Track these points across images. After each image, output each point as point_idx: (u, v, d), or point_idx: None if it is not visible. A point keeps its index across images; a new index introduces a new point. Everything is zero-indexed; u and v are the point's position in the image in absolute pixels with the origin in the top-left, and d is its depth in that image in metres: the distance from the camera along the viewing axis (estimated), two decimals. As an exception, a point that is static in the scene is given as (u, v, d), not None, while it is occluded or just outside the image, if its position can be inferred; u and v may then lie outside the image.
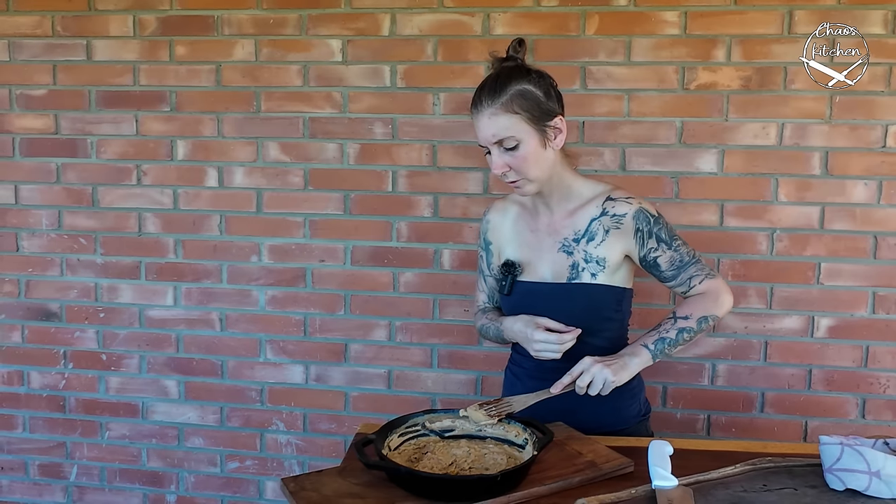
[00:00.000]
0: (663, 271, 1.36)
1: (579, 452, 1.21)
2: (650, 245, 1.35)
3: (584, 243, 1.36)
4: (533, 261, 1.41)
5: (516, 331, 1.35)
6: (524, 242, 1.43)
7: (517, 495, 1.06)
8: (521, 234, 1.44)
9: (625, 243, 1.35)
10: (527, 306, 1.37)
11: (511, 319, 1.37)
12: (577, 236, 1.37)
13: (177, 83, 2.04)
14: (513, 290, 1.41)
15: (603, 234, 1.35)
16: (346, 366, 2.08)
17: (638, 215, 1.35)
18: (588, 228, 1.36)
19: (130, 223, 2.11)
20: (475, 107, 1.29)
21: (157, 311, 2.13)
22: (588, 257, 1.36)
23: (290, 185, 2.04)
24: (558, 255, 1.38)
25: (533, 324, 1.30)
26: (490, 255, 1.50)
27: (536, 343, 1.29)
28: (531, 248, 1.42)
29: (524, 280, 1.41)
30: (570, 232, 1.38)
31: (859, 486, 1.04)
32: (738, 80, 1.85)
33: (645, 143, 1.90)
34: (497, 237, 1.49)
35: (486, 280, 1.52)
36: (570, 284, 1.36)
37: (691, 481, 1.08)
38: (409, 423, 1.25)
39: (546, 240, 1.40)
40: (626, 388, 1.33)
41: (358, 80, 1.97)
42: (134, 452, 2.20)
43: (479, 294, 1.56)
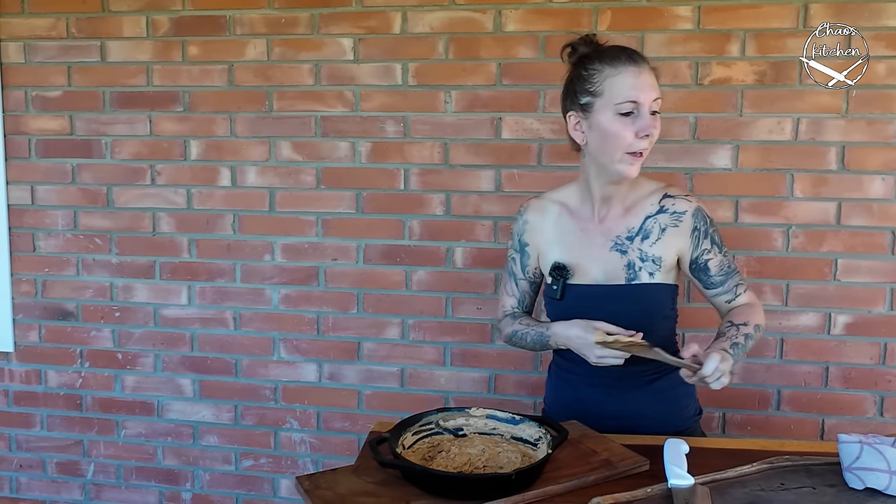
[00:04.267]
0: (712, 276, 1.32)
1: (594, 451, 1.21)
2: (704, 246, 1.31)
3: (638, 241, 1.31)
4: (582, 262, 1.34)
5: (572, 336, 1.26)
6: (571, 243, 1.36)
7: (532, 494, 1.06)
8: (566, 235, 1.37)
9: (680, 242, 1.32)
10: (582, 310, 1.30)
11: (563, 325, 1.29)
12: (631, 234, 1.32)
13: (190, 83, 2.05)
14: (565, 294, 1.33)
15: (659, 232, 1.31)
16: (360, 364, 2.08)
17: (697, 213, 1.32)
18: (643, 226, 1.32)
19: (145, 223, 2.12)
20: (633, 62, 1.23)
21: (172, 310, 2.15)
22: (644, 256, 1.31)
23: (302, 184, 2.04)
24: (611, 254, 1.32)
25: (592, 329, 1.22)
26: (526, 257, 1.42)
27: (603, 350, 1.21)
28: (580, 248, 1.35)
29: (576, 283, 1.34)
30: (623, 230, 1.32)
31: (879, 485, 1.03)
32: (752, 74, 1.83)
33: (659, 139, 1.86)
34: (536, 239, 1.40)
35: (518, 284, 1.44)
36: (629, 286, 1.31)
37: (708, 480, 1.07)
38: (423, 422, 1.25)
39: (597, 239, 1.34)
40: (687, 389, 1.34)
41: (369, 78, 1.98)
42: (150, 450, 2.21)
43: (507, 299, 1.46)
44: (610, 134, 1.24)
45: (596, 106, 1.25)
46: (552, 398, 1.48)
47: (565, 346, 1.30)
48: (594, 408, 1.34)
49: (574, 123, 1.30)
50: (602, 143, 1.26)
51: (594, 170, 1.32)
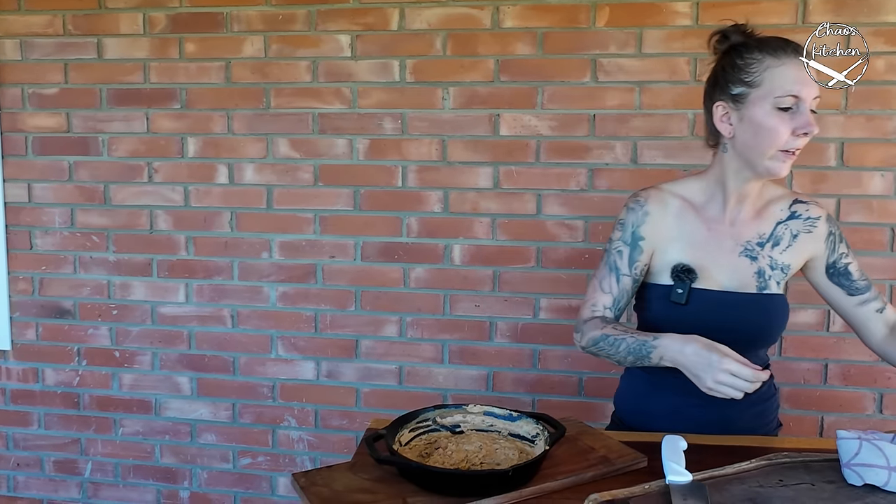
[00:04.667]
0: (854, 280, 1.26)
1: (592, 447, 1.20)
2: (842, 250, 1.26)
3: (769, 248, 1.25)
4: (707, 265, 1.25)
5: (688, 353, 1.11)
6: (697, 243, 1.26)
7: (529, 490, 1.05)
8: (691, 233, 1.26)
9: (813, 248, 1.26)
10: (707, 318, 1.22)
11: (678, 339, 1.14)
12: (762, 240, 1.26)
13: (187, 80, 2.04)
14: (689, 299, 1.23)
15: (790, 239, 1.26)
16: (357, 362, 2.08)
17: (830, 219, 1.28)
18: (773, 232, 1.26)
19: (142, 220, 2.12)
20: (798, 54, 1.16)
21: (170, 308, 2.14)
22: (773, 264, 1.25)
23: (299, 182, 2.04)
24: (740, 259, 1.25)
25: (720, 352, 1.08)
26: (638, 252, 1.27)
27: (724, 375, 1.07)
28: (706, 249, 1.25)
29: (702, 287, 1.24)
30: (755, 234, 1.26)
31: (878, 482, 1.02)
32: (751, 71, 1.82)
33: (657, 136, 1.88)
34: (654, 233, 1.27)
35: (620, 280, 1.28)
36: (760, 295, 1.24)
37: (706, 476, 1.07)
38: (420, 419, 1.24)
39: (726, 242, 1.25)
40: (773, 401, 1.33)
41: (367, 75, 1.97)
42: (147, 449, 2.21)
43: (601, 296, 1.29)
44: (765, 128, 1.16)
45: (751, 97, 1.17)
46: (632, 407, 1.40)
47: (672, 363, 1.15)
48: (685, 418, 1.28)
49: (721, 114, 1.22)
50: (754, 137, 1.17)
51: (735, 165, 1.23)
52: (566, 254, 1.95)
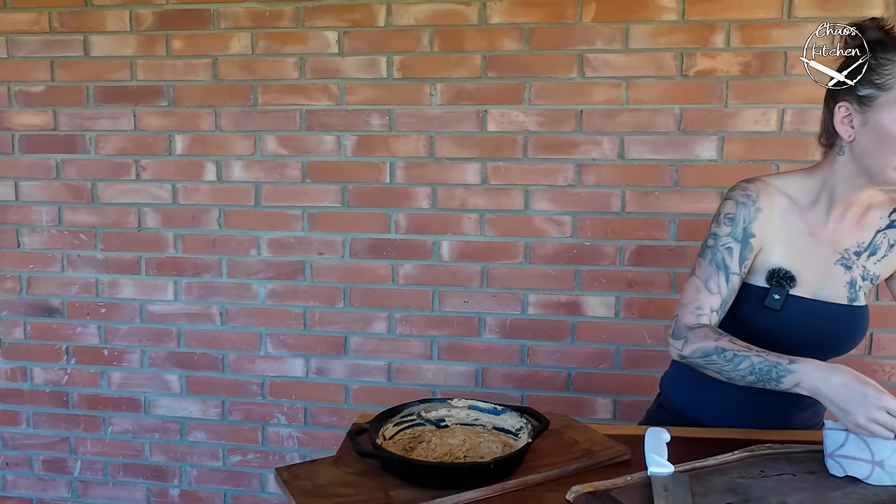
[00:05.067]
0: None
1: (576, 440, 1.20)
2: None
3: (864, 258, 1.20)
4: (804, 271, 1.19)
5: (836, 384, 1.01)
6: (798, 247, 1.19)
7: (511, 483, 1.05)
8: (794, 236, 1.19)
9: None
10: (799, 327, 1.17)
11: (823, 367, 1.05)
12: (860, 249, 1.20)
13: (174, 77, 2.04)
14: (784, 306, 1.17)
15: (887, 249, 1.21)
16: (347, 358, 2.07)
17: None
18: (872, 241, 1.20)
19: (130, 218, 2.11)
20: None
21: (158, 305, 2.13)
22: (865, 274, 1.20)
23: (287, 178, 2.03)
24: (835, 268, 1.19)
25: (874, 387, 1.00)
26: (748, 250, 1.18)
27: (880, 413, 0.97)
28: (805, 255, 1.19)
29: (797, 295, 1.18)
30: (853, 243, 1.20)
31: (860, 475, 1.03)
32: (737, 65, 1.83)
33: (644, 131, 1.88)
34: (765, 231, 1.18)
35: (730, 280, 1.18)
36: (851, 307, 1.19)
37: (688, 468, 1.07)
38: (405, 413, 1.24)
39: (825, 248, 1.19)
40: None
41: (354, 71, 1.97)
42: (137, 447, 2.20)
43: (708, 298, 1.18)
44: (891, 136, 1.07)
45: (880, 101, 1.08)
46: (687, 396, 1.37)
47: (811, 392, 1.05)
48: (742, 414, 1.26)
49: (843, 115, 1.13)
50: (877, 144, 1.09)
51: (849, 171, 1.15)
52: (554, 249, 1.95)
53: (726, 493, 0.99)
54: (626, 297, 1.94)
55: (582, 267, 1.94)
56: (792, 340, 1.18)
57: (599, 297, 1.95)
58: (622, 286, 1.93)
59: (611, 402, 1.98)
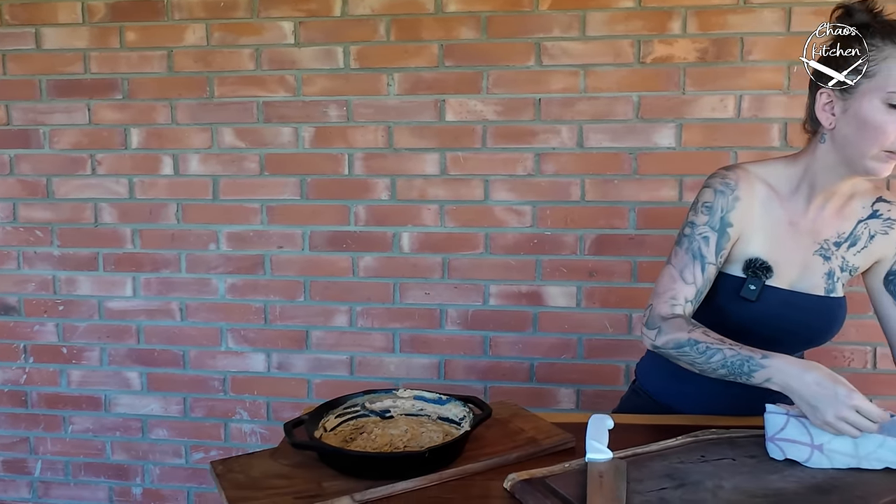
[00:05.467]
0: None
1: (522, 429, 1.19)
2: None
3: (844, 248, 1.17)
4: (782, 262, 1.17)
5: (809, 381, 1.00)
6: (776, 237, 1.17)
7: (450, 472, 1.04)
8: (773, 226, 1.17)
9: (882, 251, 1.18)
10: (774, 318, 1.16)
11: (796, 363, 1.02)
12: (840, 239, 1.17)
13: (128, 70, 2.01)
14: (760, 297, 1.16)
15: (867, 240, 1.17)
16: (308, 353, 2.05)
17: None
18: (853, 231, 1.17)
19: (86, 214, 2.08)
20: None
21: (117, 302, 2.10)
22: (844, 266, 1.18)
23: (245, 171, 2.01)
24: (813, 258, 1.17)
25: (846, 385, 0.98)
26: (725, 239, 1.16)
27: (850, 412, 0.96)
28: (784, 245, 1.17)
29: (773, 285, 1.16)
30: (834, 233, 1.17)
31: (799, 458, 1.02)
32: (694, 52, 1.82)
33: (602, 119, 1.87)
34: (743, 220, 1.16)
35: (706, 270, 1.16)
36: (828, 298, 1.17)
37: (628, 454, 1.06)
38: (348, 404, 1.23)
39: (804, 239, 1.17)
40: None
41: (311, 62, 1.94)
42: (98, 446, 2.17)
43: (683, 288, 1.16)
44: (871, 125, 1.04)
45: (861, 88, 1.05)
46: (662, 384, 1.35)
47: (782, 388, 1.03)
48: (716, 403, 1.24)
49: (824, 102, 1.10)
50: (857, 133, 1.06)
51: (830, 160, 1.12)
52: (514, 239, 1.94)
53: (663, 479, 0.98)
54: (588, 286, 1.93)
55: (543, 257, 1.93)
56: (768, 332, 1.17)
57: (560, 287, 1.94)
58: (583, 276, 1.92)
59: (574, 392, 1.97)
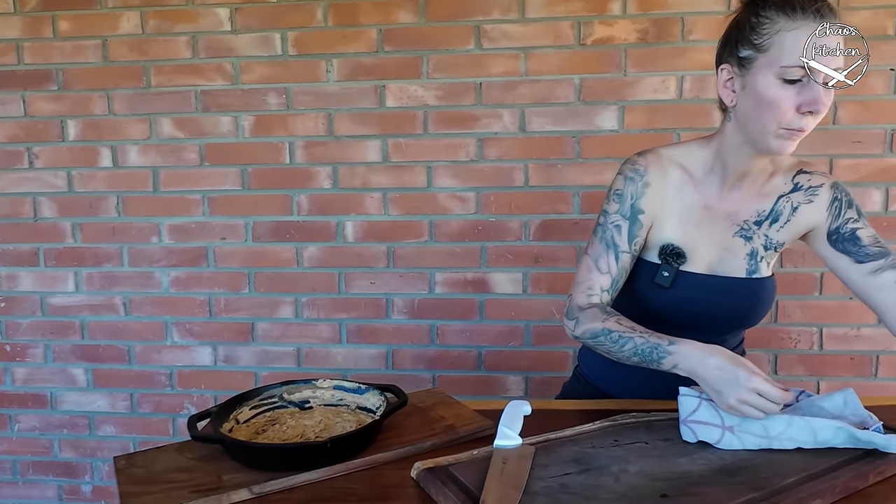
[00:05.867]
0: (864, 245, 1.10)
1: (442, 417, 1.17)
2: (849, 215, 1.12)
3: (766, 226, 1.14)
4: (698, 246, 1.14)
5: (711, 366, 0.98)
6: (692, 221, 1.14)
7: (358, 462, 1.02)
8: (687, 210, 1.14)
9: (813, 219, 1.13)
10: (691, 302, 1.14)
11: (699, 348, 1.00)
12: (761, 218, 1.14)
13: (63, 60, 1.96)
14: (674, 283, 1.14)
15: (790, 213, 1.13)
16: (255, 345, 2.03)
17: (836, 185, 1.14)
18: (774, 207, 1.13)
19: (25, 208, 2.04)
20: (819, 16, 0.96)
21: (60, 297, 2.07)
22: (768, 243, 1.14)
23: (185, 162, 1.97)
24: (734, 240, 1.14)
25: (747, 368, 0.96)
26: (638, 227, 1.14)
27: (750, 395, 0.94)
28: (700, 229, 1.14)
29: (689, 270, 1.14)
30: (753, 213, 1.14)
31: (710, 439, 1.01)
32: (634, 33, 1.79)
33: (544, 103, 1.84)
34: (655, 207, 1.14)
35: (620, 259, 1.14)
36: (749, 280, 1.14)
37: (541, 440, 1.04)
38: (265, 396, 1.20)
39: (722, 221, 1.14)
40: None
41: (248, 49, 1.90)
42: (45, 444, 2.14)
43: (598, 277, 1.14)
44: (766, 101, 0.99)
45: (757, 63, 1.00)
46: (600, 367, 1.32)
47: (688, 373, 1.02)
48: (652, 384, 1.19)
49: (725, 79, 1.06)
50: (755, 110, 1.01)
51: (737, 139, 1.08)
52: (459, 226, 1.91)
53: (569, 464, 0.97)
54: (533, 272, 1.90)
55: (488, 243, 1.91)
56: (685, 317, 1.15)
57: (506, 274, 1.91)
58: (529, 262, 1.90)
59: (522, 380, 1.95)
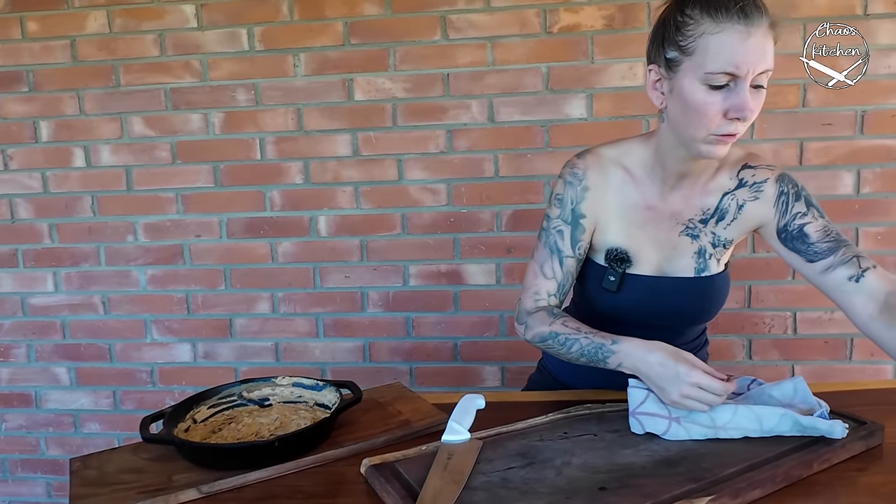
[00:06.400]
0: (813, 243, 1.05)
1: (399, 412, 1.18)
2: (797, 209, 1.07)
3: (712, 224, 1.11)
4: (644, 248, 1.12)
5: (653, 363, 0.98)
6: (635, 222, 1.12)
7: (309, 459, 1.03)
8: (629, 211, 1.11)
9: (760, 215, 1.10)
10: (639, 304, 1.12)
11: (641, 346, 1.01)
12: (706, 216, 1.11)
13: (32, 61, 1.96)
14: (621, 287, 1.12)
15: (736, 211, 1.10)
16: (233, 341, 2.04)
17: (783, 178, 1.09)
18: (719, 205, 1.10)
19: (2, 210, 2.05)
20: (745, 18, 0.89)
21: (40, 298, 2.08)
22: (716, 241, 1.11)
23: (158, 160, 1.97)
24: (680, 239, 1.11)
25: (687, 363, 0.95)
26: (580, 231, 1.12)
27: (691, 389, 0.94)
28: (643, 230, 1.12)
29: (636, 273, 1.12)
30: (698, 211, 1.11)
31: (657, 430, 1.01)
32: (601, 19, 1.78)
33: (512, 93, 1.83)
34: (596, 210, 1.12)
35: (564, 263, 1.13)
36: (698, 279, 1.11)
37: (491, 434, 1.05)
38: (224, 394, 1.22)
39: (666, 221, 1.11)
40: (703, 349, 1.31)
41: (216, 45, 1.90)
42: (32, 442, 2.17)
43: (544, 282, 1.14)
44: (692, 107, 0.95)
45: (683, 67, 0.95)
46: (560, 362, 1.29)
47: (632, 370, 1.02)
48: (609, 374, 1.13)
49: (654, 80, 1.02)
50: (683, 115, 0.97)
51: (670, 141, 1.05)
52: (431, 218, 1.91)
53: (514, 458, 0.97)
54: (507, 262, 1.91)
55: (460, 235, 1.91)
56: (635, 318, 1.15)
57: (479, 265, 1.92)
58: (501, 252, 1.90)
59: (498, 370, 1.96)
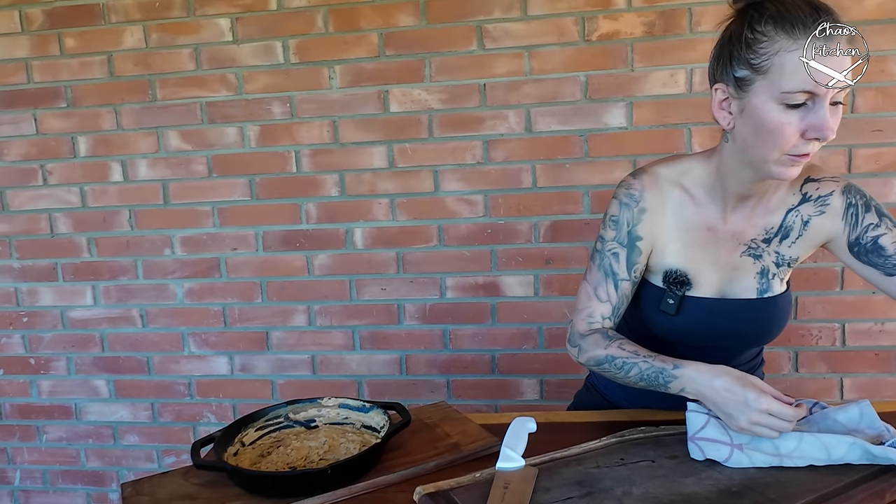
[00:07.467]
0: (890, 255, 1.01)
1: (447, 434, 1.16)
2: (868, 221, 1.02)
3: (776, 243, 1.06)
4: (704, 270, 1.08)
5: (718, 388, 0.93)
6: (695, 244, 1.08)
7: (360, 486, 1.01)
8: (689, 233, 1.07)
9: (828, 230, 1.05)
10: (700, 328, 1.09)
11: (705, 370, 0.96)
12: (769, 235, 1.06)
13: (70, 77, 1.98)
14: (680, 310, 1.08)
15: (801, 227, 1.05)
16: (270, 354, 2.04)
17: (849, 189, 1.04)
18: (783, 223, 1.06)
19: (42, 225, 2.07)
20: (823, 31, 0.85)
21: (79, 311, 2.10)
22: (780, 260, 1.07)
23: (194, 174, 1.98)
24: (742, 260, 1.07)
25: (756, 388, 0.91)
26: (636, 254, 1.08)
27: (761, 416, 0.90)
28: (703, 252, 1.07)
29: (695, 296, 1.08)
30: (761, 230, 1.06)
31: (719, 457, 0.98)
32: (640, 26, 1.74)
33: (550, 102, 1.81)
34: (654, 231, 1.08)
35: (619, 286, 1.09)
36: (760, 300, 1.07)
37: (545, 460, 1.02)
38: (271, 416, 1.20)
39: (727, 242, 1.07)
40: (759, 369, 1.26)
41: (251, 58, 1.90)
42: (73, 453, 2.19)
43: (598, 305, 1.10)
44: (767, 128, 0.90)
45: (756, 86, 0.90)
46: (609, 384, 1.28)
47: (696, 395, 0.98)
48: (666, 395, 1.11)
49: (721, 100, 0.97)
50: (755, 136, 0.93)
51: (735, 162, 1.00)
52: (468, 230, 1.89)
53: (572, 486, 0.95)
54: (545, 274, 1.88)
55: (498, 246, 1.89)
56: (695, 341, 1.11)
57: (517, 277, 1.89)
58: (539, 264, 1.88)
59: (537, 383, 1.94)
